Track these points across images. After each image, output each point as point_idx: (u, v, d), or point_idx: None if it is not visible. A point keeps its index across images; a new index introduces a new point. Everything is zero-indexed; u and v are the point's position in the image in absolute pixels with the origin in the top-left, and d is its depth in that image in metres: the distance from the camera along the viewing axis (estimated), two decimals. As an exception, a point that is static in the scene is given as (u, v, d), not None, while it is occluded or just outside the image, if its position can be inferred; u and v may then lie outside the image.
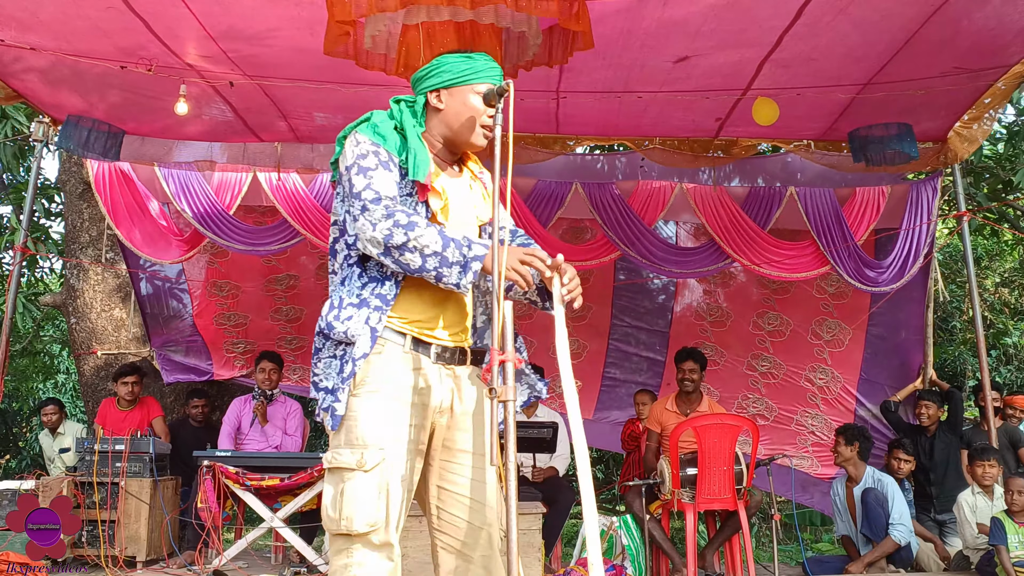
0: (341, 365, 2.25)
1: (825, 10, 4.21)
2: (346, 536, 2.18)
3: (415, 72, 2.50)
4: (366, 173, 2.25)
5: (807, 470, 6.74)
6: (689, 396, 5.48)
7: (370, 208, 2.18)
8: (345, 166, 2.30)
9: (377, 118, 2.38)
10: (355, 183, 2.24)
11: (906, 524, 5.11)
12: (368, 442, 2.20)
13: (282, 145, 5.95)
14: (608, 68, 4.82)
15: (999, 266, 11.90)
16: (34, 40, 4.60)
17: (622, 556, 5.14)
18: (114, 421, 6.13)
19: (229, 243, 6.03)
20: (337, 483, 2.20)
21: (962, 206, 5.88)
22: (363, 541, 2.17)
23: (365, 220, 2.18)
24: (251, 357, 6.97)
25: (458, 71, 2.40)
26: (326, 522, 2.22)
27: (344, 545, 2.19)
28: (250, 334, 7.12)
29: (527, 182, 6.13)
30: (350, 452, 2.19)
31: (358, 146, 2.31)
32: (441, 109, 2.41)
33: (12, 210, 9.10)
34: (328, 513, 2.21)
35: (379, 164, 2.27)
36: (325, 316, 2.28)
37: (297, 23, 4.28)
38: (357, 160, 2.28)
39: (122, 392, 6.29)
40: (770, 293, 6.91)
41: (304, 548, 5.02)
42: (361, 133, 2.34)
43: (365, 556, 2.18)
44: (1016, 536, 5.01)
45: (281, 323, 7.16)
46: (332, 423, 2.23)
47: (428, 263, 2.16)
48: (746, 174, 6.53)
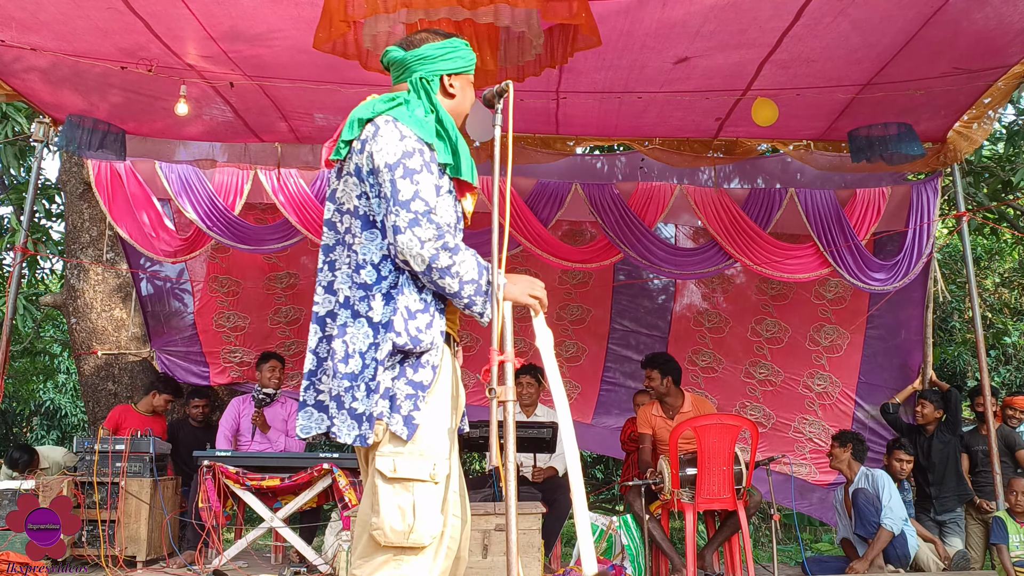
0: (416, 370, 2.12)
1: (825, 11, 4.21)
2: (400, 548, 2.07)
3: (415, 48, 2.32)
4: (412, 177, 2.10)
5: (805, 477, 6.74)
6: (664, 399, 5.48)
7: (422, 224, 2.06)
8: (385, 162, 2.12)
9: (416, 106, 2.24)
10: (401, 189, 2.09)
11: (896, 512, 5.10)
12: (438, 453, 2.12)
13: (282, 146, 5.96)
14: (608, 69, 4.82)
15: (999, 266, 11.90)
16: (34, 40, 4.61)
17: (622, 556, 5.14)
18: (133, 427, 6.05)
19: (232, 243, 6.03)
20: (404, 494, 2.08)
21: (962, 206, 5.88)
22: (419, 553, 2.09)
23: (413, 236, 2.06)
24: (248, 370, 6.98)
25: (469, 58, 2.35)
26: (387, 534, 2.07)
27: (395, 556, 2.08)
28: (248, 340, 7.12)
29: (527, 182, 6.14)
30: (421, 463, 2.09)
31: (403, 141, 2.14)
32: (454, 95, 2.33)
33: (12, 210, 9.10)
34: (392, 525, 2.07)
35: (423, 166, 2.13)
36: (404, 331, 2.10)
37: (298, 23, 4.28)
38: (403, 160, 2.12)
39: (160, 406, 6.37)
40: (768, 300, 6.91)
41: (304, 548, 5.02)
42: (404, 124, 2.17)
43: (416, 569, 2.09)
44: (1018, 536, 5.02)
45: (280, 326, 7.16)
46: (408, 433, 2.09)
47: (465, 290, 2.12)
48: (746, 175, 6.53)
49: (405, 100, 2.24)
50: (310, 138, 5.91)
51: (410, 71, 2.31)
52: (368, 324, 2.15)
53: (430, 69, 2.30)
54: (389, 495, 2.09)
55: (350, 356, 2.14)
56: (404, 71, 2.32)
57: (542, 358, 2.24)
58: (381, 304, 2.15)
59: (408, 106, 2.23)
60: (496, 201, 2.24)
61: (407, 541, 2.06)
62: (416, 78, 2.29)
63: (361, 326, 2.15)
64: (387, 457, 2.10)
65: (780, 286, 6.74)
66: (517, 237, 5.93)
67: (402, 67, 2.33)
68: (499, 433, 2.07)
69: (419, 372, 2.12)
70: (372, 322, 2.15)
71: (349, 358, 2.14)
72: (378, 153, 2.13)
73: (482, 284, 2.14)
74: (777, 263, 5.97)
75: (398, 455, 2.09)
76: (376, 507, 2.09)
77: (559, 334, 7.14)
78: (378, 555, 2.09)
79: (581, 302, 7.13)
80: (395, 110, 2.20)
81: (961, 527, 5.78)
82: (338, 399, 2.14)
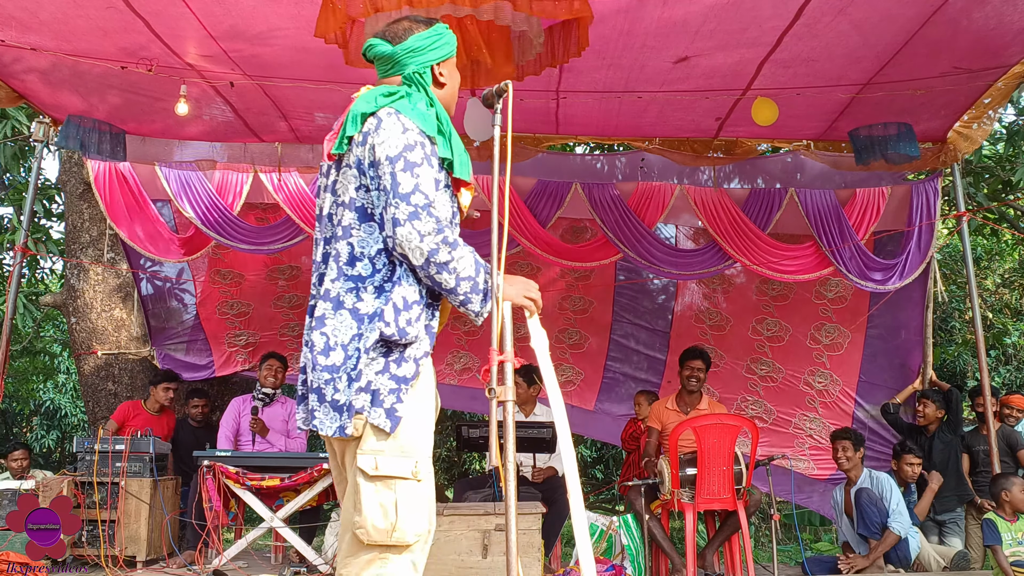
0: (399, 364, 2.10)
1: (825, 10, 4.21)
2: (385, 547, 2.06)
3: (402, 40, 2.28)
4: (413, 171, 2.08)
5: (804, 471, 6.74)
6: (691, 395, 5.50)
7: (421, 217, 2.05)
8: (387, 155, 2.10)
9: (417, 99, 2.22)
10: (402, 182, 2.07)
11: (904, 516, 5.10)
12: (419, 451, 2.11)
13: (282, 145, 5.96)
14: (608, 68, 4.82)
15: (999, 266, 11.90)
16: (34, 40, 4.61)
17: (622, 556, 5.14)
18: (142, 423, 6.08)
19: (233, 243, 6.03)
20: (387, 492, 2.07)
21: (962, 206, 5.88)
22: (403, 552, 2.08)
23: (413, 229, 2.04)
24: (253, 350, 6.97)
25: (453, 42, 2.34)
26: (370, 532, 2.06)
27: (380, 555, 2.07)
28: (252, 324, 7.13)
29: (527, 182, 6.13)
30: (403, 460, 2.08)
31: (405, 133, 2.12)
32: (444, 84, 2.31)
33: (12, 211, 9.10)
34: (375, 524, 2.05)
35: (424, 159, 2.11)
36: (394, 322, 2.08)
37: (298, 23, 4.28)
38: (404, 152, 2.09)
39: (162, 397, 6.35)
40: (769, 300, 6.91)
41: (304, 548, 5.02)
42: (406, 116, 2.15)
43: (400, 567, 2.08)
44: (1009, 533, 5.01)
45: (284, 310, 7.16)
46: (391, 425, 2.07)
47: (461, 287, 2.10)
48: (746, 175, 6.53)
49: (407, 93, 2.22)
50: (310, 138, 5.91)
51: (401, 65, 2.28)
52: (352, 316, 2.12)
53: (421, 61, 2.27)
54: (371, 493, 2.07)
55: (331, 348, 2.12)
56: (394, 65, 2.29)
57: (538, 360, 2.24)
58: (372, 297, 2.13)
59: (410, 99, 2.21)
60: (496, 200, 2.24)
61: (390, 539, 2.05)
62: (410, 73, 2.27)
63: (343, 318, 2.13)
64: (368, 455, 2.08)
65: (781, 286, 6.75)
66: (516, 237, 5.93)
67: (391, 61, 2.30)
68: (499, 433, 2.07)
69: (402, 366, 2.10)
70: (358, 314, 2.12)
71: (331, 350, 2.12)
72: (380, 146, 2.12)
73: (479, 282, 2.13)
74: (776, 264, 5.97)
75: (380, 453, 2.08)
76: (359, 506, 2.08)
77: (561, 323, 7.18)
78: (363, 554, 2.08)
79: (583, 294, 7.14)
80: (398, 103, 2.18)
81: (961, 527, 5.77)
82: (319, 391, 2.12)
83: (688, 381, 5.49)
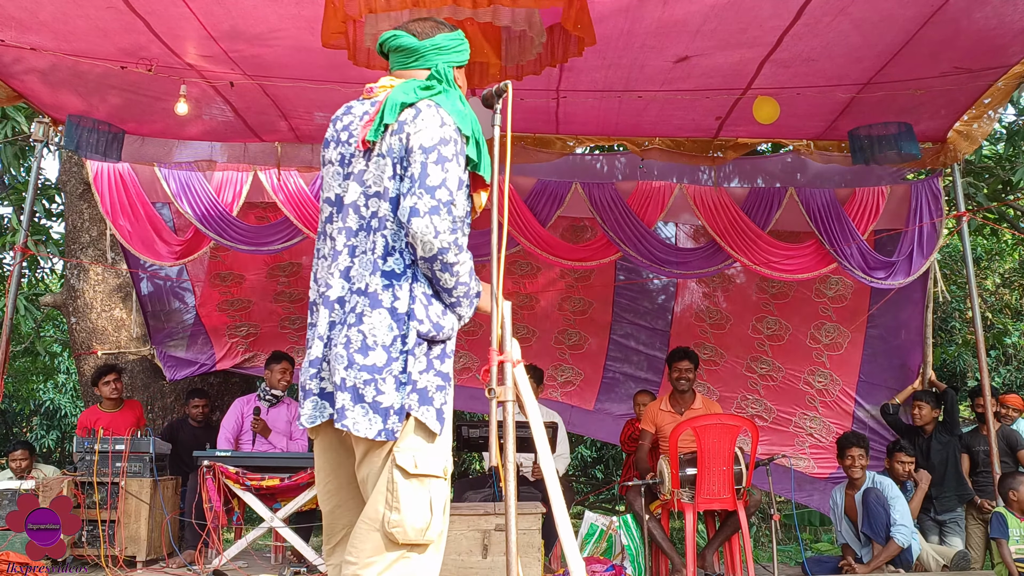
0: (443, 360, 2.13)
1: (825, 10, 4.21)
2: (412, 545, 2.06)
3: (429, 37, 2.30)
4: (444, 165, 2.09)
5: (804, 470, 6.75)
6: (683, 395, 5.51)
7: (441, 214, 2.05)
8: (421, 144, 2.10)
9: (454, 95, 2.23)
10: (431, 173, 2.07)
11: (908, 526, 5.10)
12: (448, 448, 2.13)
13: (282, 145, 5.95)
14: (608, 68, 4.82)
15: (999, 266, 11.90)
16: (34, 40, 4.60)
17: (622, 556, 5.14)
18: (106, 424, 6.06)
19: (232, 244, 6.02)
20: (423, 490, 2.07)
21: (962, 206, 5.88)
22: (425, 550, 2.09)
23: (431, 223, 2.04)
24: (254, 340, 6.96)
25: (468, 50, 2.37)
26: (408, 531, 2.04)
27: (404, 554, 2.06)
28: (253, 316, 7.12)
29: (527, 182, 6.14)
30: (439, 458, 2.10)
31: (443, 127, 2.13)
32: (460, 87, 2.34)
33: (12, 210, 9.09)
34: (413, 523, 2.04)
35: (455, 155, 2.12)
36: (427, 319, 2.10)
37: (298, 22, 4.28)
38: (439, 145, 2.10)
39: (105, 392, 6.26)
40: (769, 298, 6.91)
41: (304, 548, 5.02)
42: (446, 111, 2.16)
43: (427, 564, 2.09)
44: (1018, 530, 5.02)
45: (284, 304, 7.17)
46: (440, 427, 2.09)
47: (457, 289, 2.13)
48: (746, 174, 6.53)
49: (444, 89, 2.23)
50: (310, 137, 5.90)
51: (427, 59, 2.28)
52: (391, 316, 2.09)
53: (446, 60, 2.29)
54: (410, 492, 2.05)
55: (370, 348, 2.07)
56: (418, 59, 2.29)
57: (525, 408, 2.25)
58: (405, 294, 2.12)
59: (447, 95, 2.22)
60: (496, 200, 2.24)
61: (423, 538, 2.05)
62: (440, 67, 2.27)
63: (383, 317, 2.09)
64: (407, 452, 2.06)
65: (781, 285, 6.75)
66: (516, 236, 5.93)
67: (415, 54, 2.30)
68: (499, 433, 2.07)
69: (445, 363, 2.13)
70: (396, 313, 2.10)
71: (370, 349, 2.07)
72: (415, 135, 2.11)
73: (471, 287, 2.16)
74: (776, 263, 5.97)
75: (419, 451, 2.07)
76: (395, 504, 2.04)
77: (561, 324, 7.18)
78: (389, 553, 2.05)
79: (583, 295, 7.15)
80: (438, 96, 2.19)
81: (961, 527, 5.77)
82: (355, 391, 2.06)
83: (678, 382, 5.53)
